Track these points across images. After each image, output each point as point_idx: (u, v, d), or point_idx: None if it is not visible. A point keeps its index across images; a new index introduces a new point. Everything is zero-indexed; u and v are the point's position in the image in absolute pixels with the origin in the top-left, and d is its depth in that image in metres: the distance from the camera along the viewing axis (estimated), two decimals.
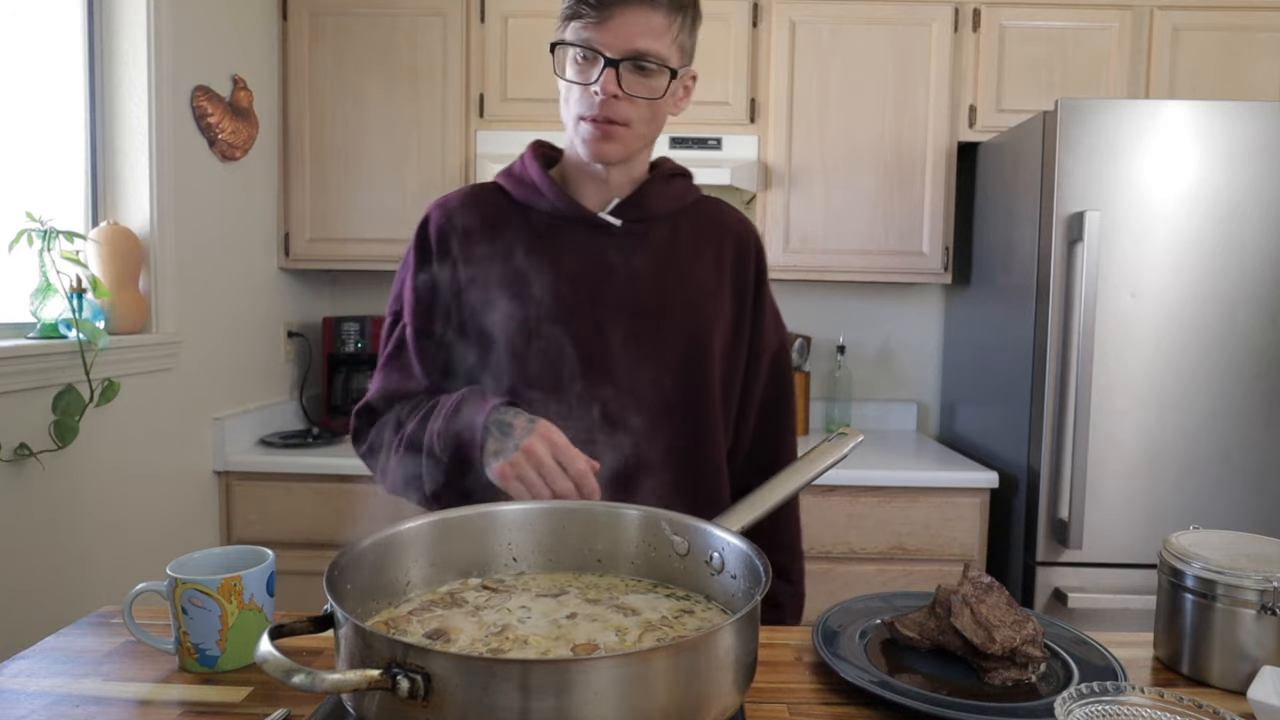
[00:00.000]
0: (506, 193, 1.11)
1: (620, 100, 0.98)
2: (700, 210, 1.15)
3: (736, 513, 0.84)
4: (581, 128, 1.01)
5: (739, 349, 1.13)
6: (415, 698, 0.53)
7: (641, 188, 1.10)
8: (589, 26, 0.97)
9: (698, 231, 1.12)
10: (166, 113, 1.94)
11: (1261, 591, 0.77)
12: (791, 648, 0.87)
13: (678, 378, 1.07)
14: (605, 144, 1.01)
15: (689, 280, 1.10)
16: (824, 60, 2.40)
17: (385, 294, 2.78)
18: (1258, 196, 1.92)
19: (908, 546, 2.17)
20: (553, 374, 1.03)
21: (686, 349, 1.08)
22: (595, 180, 1.08)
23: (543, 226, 1.08)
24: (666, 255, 1.09)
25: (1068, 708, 0.61)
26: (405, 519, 0.79)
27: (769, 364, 1.17)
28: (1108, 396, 1.95)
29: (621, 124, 1.00)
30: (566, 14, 0.99)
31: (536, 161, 1.11)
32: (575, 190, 1.10)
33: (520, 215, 1.09)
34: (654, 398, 1.06)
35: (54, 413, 1.60)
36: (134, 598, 0.83)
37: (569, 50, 1.00)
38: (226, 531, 2.22)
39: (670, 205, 1.11)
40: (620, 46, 0.97)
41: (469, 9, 2.40)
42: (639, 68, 0.98)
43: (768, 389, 1.18)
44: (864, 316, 2.80)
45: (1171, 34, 2.36)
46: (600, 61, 0.97)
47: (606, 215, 1.07)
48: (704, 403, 1.09)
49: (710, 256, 1.12)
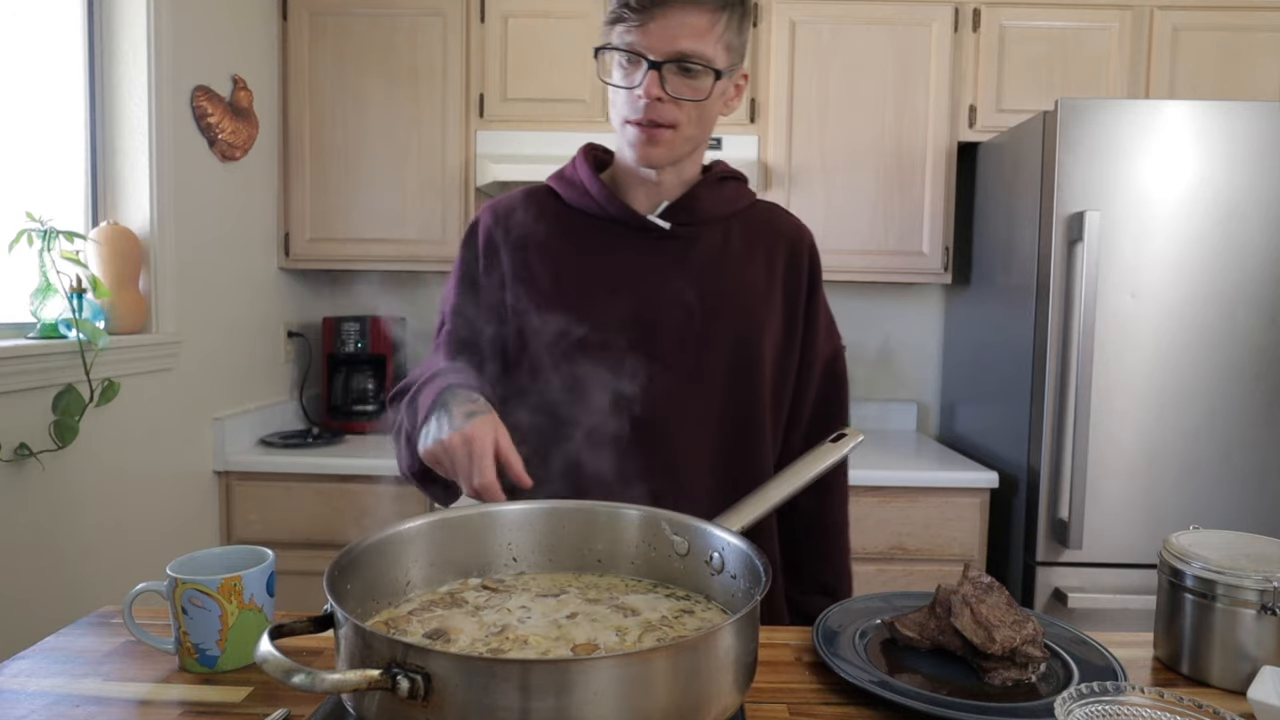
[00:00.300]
0: (557, 195, 1.11)
1: (664, 103, 0.97)
2: (753, 214, 1.13)
3: (737, 513, 0.84)
4: (628, 131, 1.01)
5: (790, 356, 1.11)
6: (415, 698, 0.53)
7: (692, 191, 1.09)
8: (632, 30, 0.96)
9: (750, 236, 1.11)
10: (166, 113, 1.94)
11: (1261, 591, 0.77)
12: (791, 648, 0.87)
13: (726, 383, 1.06)
14: (651, 147, 1.00)
15: (740, 285, 1.08)
16: (824, 60, 2.40)
17: (385, 294, 2.80)
18: (1258, 196, 1.92)
19: (908, 546, 2.17)
20: (598, 379, 1.02)
21: (736, 354, 1.06)
22: (646, 183, 1.07)
23: (593, 229, 1.08)
24: (717, 259, 1.08)
25: (1068, 708, 0.61)
26: (405, 519, 0.79)
27: (821, 372, 1.15)
28: (1108, 396, 1.95)
29: (667, 126, 0.99)
30: (610, 18, 0.98)
31: (587, 164, 1.10)
32: (625, 193, 1.09)
33: (570, 218, 1.09)
34: (701, 403, 1.05)
35: (54, 413, 1.60)
36: (134, 598, 0.83)
37: (614, 54, 0.99)
38: (226, 531, 2.22)
39: (722, 209, 1.10)
40: (662, 48, 0.95)
41: (469, 9, 2.40)
42: (683, 69, 0.97)
43: (820, 398, 1.15)
44: (864, 316, 2.80)
45: (1171, 34, 2.36)
46: (644, 64, 0.96)
47: (656, 218, 1.07)
48: (753, 409, 1.08)
49: (762, 261, 1.10)
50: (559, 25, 2.39)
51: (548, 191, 1.12)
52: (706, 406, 1.05)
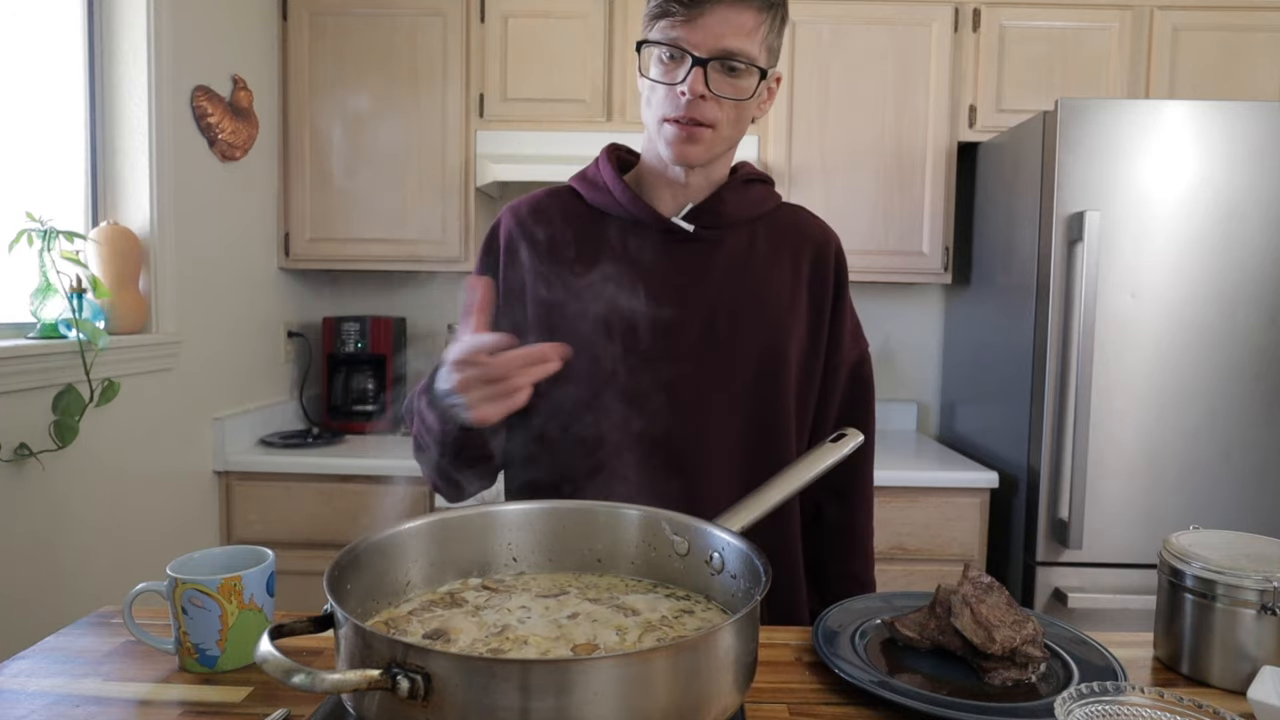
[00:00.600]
0: (580, 196, 1.09)
1: (707, 101, 0.95)
2: (779, 217, 1.11)
3: (736, 513, 0.83)
4: (666, 129, 0.98)
5: (816, 360, 1.10)
6: (415, 698, 0.53)
7: (717, 193, 1.06)
8: (677, 25, 0.93)
9: (776, 239, 1.09)
10: (166, 113, 1.94)
11: (1261, 591, 0.77)
12: (791, 648, 0.87)
13: (751, 387, 1.05)
14: (690, 146, 0.98)
15: (765, 288, 1.07)
16: (824, 60, 2.40)
17: (385, 294, 2.80)
18: (1258, 196, 1.92)
19: (908, 546, 2.17)
20: (621, 383, 1.01)
21: (760, 358, 1.05)
22: (672, 184, 1.05)
23: (616, 231, 1.06)
24: (742, 262, 1.07)
25: (1068, 708, 0.61)
26: (405, 519, 0.79)
27: (847, 377, 1.13)
28: (1108, 396, 1.95)
29: (708, 125, 0.97)
30: (654, 12, 0.95)
31: (610, 164, 1.08)
32: (650, 194, 1.07)
33: (593, 220, 1.07)
34: (725, 407, 1.04)
35: (54, 413, 1.60)
36: (134, 598, 0.83)
37: (654, 49, 0.96)
38: (226, 531, 2.22)
39: (747, 211, 1.08)
40: (709, 45, 0.93)
41: (469, 9, 2.40)
42: (728, 68, 0.95)
43: (846, 403, 1.14)
44: (864, 316, 2.74)
45: (1171, 34, 2.36)
46: (688, 61, 0.94)
47: (679, 221, 1.05)
48: (777, 414, 1.07)
49: (788, 264, 1.09)
50: (559, 25, 2.39)
51: (570, 192, 1.11)
52: (730, 411, 1.04)
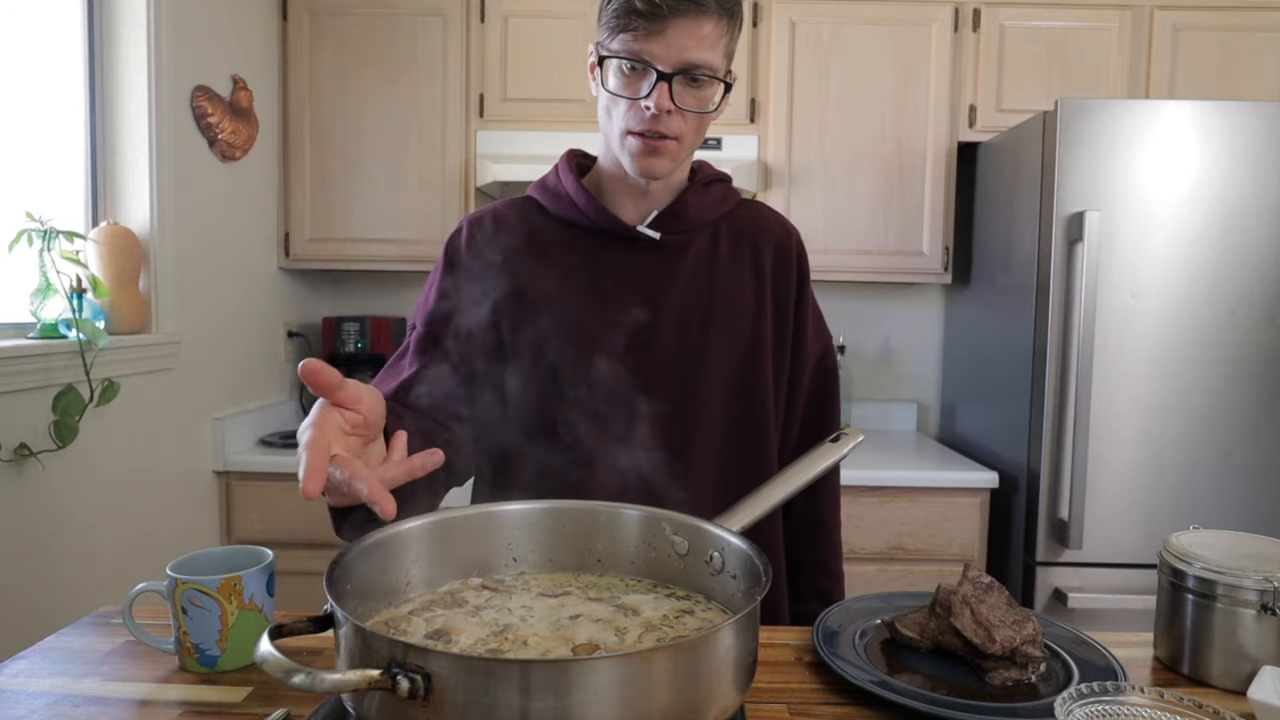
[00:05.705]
0: (541, 206, 1.08)
1: (672, 114, 0.94)
2: (739, 216, 1.11)
3: (736, 513, 0.83)
4: (630, 142, 0.96)
5: (783, 357, 1.10)
6: (415, 698, 0.53)
7: (680, 198, 1.06)
8: (639, 38, 0.92)
9: (737, 238, 1.09)
10: (166, 113, 1.94)
11: (1261, 591, 0.77)
12: (791, 648, 0.87)
13: (729, 391, 1.04)
14: (655, 159, 0.96)
15: (731, 289, 1.06)
16: (824, 60, 2.40)
17: (385, 294, 2.80)
18: (1258, 196, 1.92)
19: (908, 546, 2.17)
20: (592, 395, 0.99)
21: (734, 361, 1.05)
22: (634, 192, 1.04)
23: (579, 241, 1.04)
24: (708, 267, 1.06)
25: (1068, 708, 0.61)
26: (405, 519, 0.79)
27: (811, 373, 1.13)
28: (1108, 396, 1.95)
29: (672, 138, 0.96)
30: (615, 25, 0.93)
31: (571, 173, 1.06)
32: (612, 201, 1.06)
33: (555, 229, 1.05)
34: (701, 414, 1.03)
35: (54, 413, 1.60)
36: (134, 598, 0.83)
37: (614, 62, 0.95)
38: (226, 531, 2.22)
39: (710, 214, 1.07)
40: (673, 59, 0.92)
41: (469, 9, 2.40)
42: (691, 80, 0.93)
43: (811, 400, 1.13)
44: (864, 316, 2.80)
45: (1171, 34, 2.36)
46: (651, 74, 0.92)
47: (645, 229, 1.03)
48: (757, 414, 1.06)
49: (750, 264, 1.08)
50: (559, 25, 2.39)
51: (530, 202, 1.09)
52: (710, 415, 1.04)
